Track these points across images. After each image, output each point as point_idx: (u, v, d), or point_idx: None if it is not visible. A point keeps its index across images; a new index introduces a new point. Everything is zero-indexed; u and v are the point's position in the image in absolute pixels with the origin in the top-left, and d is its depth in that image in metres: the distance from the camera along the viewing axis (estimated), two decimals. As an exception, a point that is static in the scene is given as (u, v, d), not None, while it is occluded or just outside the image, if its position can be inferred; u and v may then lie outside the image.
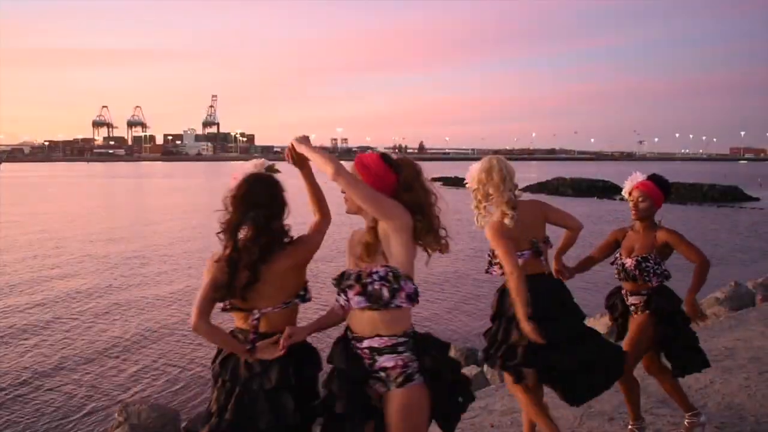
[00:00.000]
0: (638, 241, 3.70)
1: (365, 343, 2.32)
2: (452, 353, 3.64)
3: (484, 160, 3.32)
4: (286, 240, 2.41)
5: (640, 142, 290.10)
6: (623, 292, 3.82)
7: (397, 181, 2.33)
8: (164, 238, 19.99)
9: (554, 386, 3.40)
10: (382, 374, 2.29)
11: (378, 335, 2.29)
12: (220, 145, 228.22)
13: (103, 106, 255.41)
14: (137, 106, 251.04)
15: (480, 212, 3.29)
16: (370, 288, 2.25)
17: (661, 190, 3.72)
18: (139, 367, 8.17)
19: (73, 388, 7.44)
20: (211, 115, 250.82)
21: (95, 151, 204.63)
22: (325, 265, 10.70)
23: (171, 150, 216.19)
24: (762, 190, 38.89)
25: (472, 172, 3.31)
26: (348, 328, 2.41)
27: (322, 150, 2.36)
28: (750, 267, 14.46)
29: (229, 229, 2.35)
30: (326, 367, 2.44)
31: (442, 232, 2.38)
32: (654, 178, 3.73)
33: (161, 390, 7.41)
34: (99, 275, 13.89)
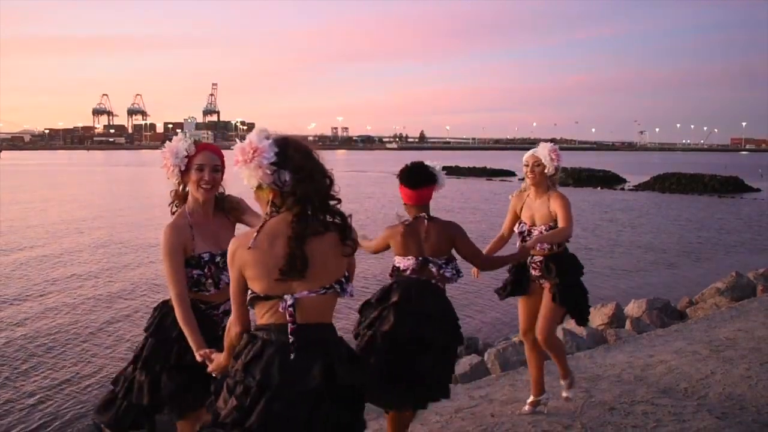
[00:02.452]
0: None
1: None
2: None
3: None
4: None
5: (641, 132, 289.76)
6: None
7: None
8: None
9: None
10: None
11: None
12: (221, 134, 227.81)
13: (104, 95, 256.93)
14: (138, 95, 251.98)
15: None
16: None
17: (404, 185, 3.13)
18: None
19: (72, 368, 7.43)
20: (211, 104, 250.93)
21: (95, 139, 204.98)
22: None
23: (171, 138, 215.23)
24: (763, 181, 38.74)
25: None
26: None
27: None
28: (751, 258, 14.42)
29: None
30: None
31: None
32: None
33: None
34: (115, 260, 13.89)
